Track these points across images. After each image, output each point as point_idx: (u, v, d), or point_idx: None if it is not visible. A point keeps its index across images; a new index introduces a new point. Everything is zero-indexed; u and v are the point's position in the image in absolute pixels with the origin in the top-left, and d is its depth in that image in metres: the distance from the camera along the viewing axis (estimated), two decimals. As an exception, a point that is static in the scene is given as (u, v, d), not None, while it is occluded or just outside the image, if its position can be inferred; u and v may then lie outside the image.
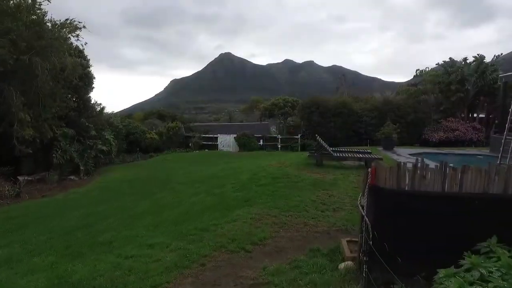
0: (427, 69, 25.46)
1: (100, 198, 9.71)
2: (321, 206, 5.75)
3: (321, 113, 22.19)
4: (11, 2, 12.45)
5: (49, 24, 13.56)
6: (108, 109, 23.48)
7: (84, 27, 14.18)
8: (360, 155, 10.24)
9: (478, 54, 23.56)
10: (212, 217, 5.43)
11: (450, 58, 23.30)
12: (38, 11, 12.98)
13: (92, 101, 19.49)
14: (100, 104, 20.07)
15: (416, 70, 25.11)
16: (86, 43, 15.46)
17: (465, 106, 22.55)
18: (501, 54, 27.75)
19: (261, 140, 24.21)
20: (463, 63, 23.01)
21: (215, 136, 25.90)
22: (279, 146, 23.79)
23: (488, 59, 22.48)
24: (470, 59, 22.94)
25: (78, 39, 14.54)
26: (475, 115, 23.76)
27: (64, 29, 13.88)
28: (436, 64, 24.18)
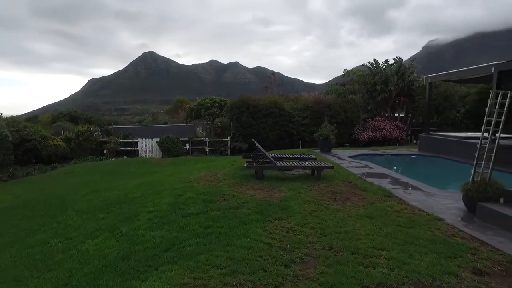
0: (353, 69, 25.82)
1: None
2: (281, 255, 3.88)
3: (251, 113, 20.91)
4: None
5: None
6: (8, 111, 18.89)
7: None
8: (306, 162, 8.91)
9: (397, 57, 24.60)
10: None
11: (374, 60, 23.81)
12: None
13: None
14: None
15: (344, 70, 25.27)
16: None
17: (388, 106, 23.24)
18: (415, 58, 29.83)
19: (188, 144, 22.04)
20: (385, 64, 23.73)
21: (135, 140, 22.92)
22: (207, 150, 21.91)
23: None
24: (391, 61, 23.87)
25: None
26: (396, 114, 24.69)
27: None
28: (362, 65, 24.56)
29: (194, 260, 3.77)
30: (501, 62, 12.16)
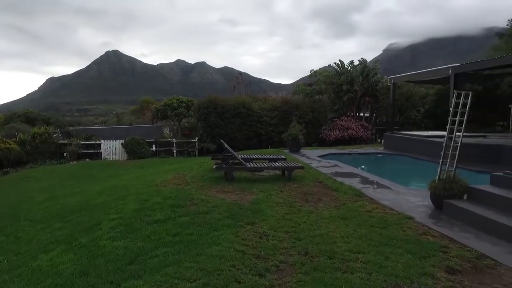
0: (319, 69, 26.19)
1: None
2: (255, 263, 3.62)
3: (219, 113, 20.62)
4: None
5: None
6: None
7: None
8: (277, 163, 8.78)
9: (361, 58, 25.29)
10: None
11: (340, 60, 24.29)
12: None
13: None
14: None
15: (311, 71, 25.56)
16: None
17: (354, 106, 23.79)
18: (378, 60, 30.85)
19: (154, 145, 21.33)
20: (351, 65, 24.28)
21: (98, 142, 21.86)
22: (175, 151, 21.33)
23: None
24: (356, 62, 24.48)
25: None
26: (361, 114, 25.34)
27: None
28: (328, 65, 24.97)
29: (162, 273, 3.46)
30: (457, 65, 12.76)
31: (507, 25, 25.85)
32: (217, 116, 20.55)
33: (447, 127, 6.25)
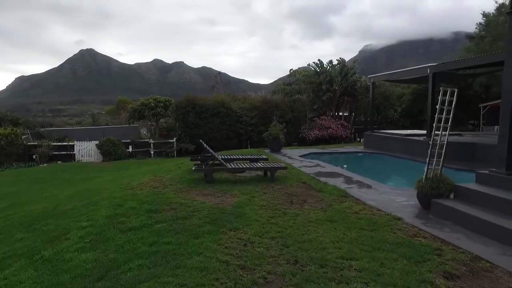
0: (298, 69, 26.12)
1: None
2: (241, 275, 3.25)
3: (197, 113, 20.13)
4: None
5: None
6: None
7: None
8: (258, 163, 8.46)
9: (340, 58, 25.42)
10: None
11: (319, 60, 24.29)
12: None
13: None
14: None
15: (290, 70, 25.44)
16: None
17: (333, 105, 23.84)
18: (356, 59, 31.15)
19: (131, 146, 20.59)
20: (330, 65, 24.34)
21: (71, 144, 20.87)
22: (152, 152, 20.67)
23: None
24: (335, 62, 24.57)
25: None
26: (340, 113, 25.46)
27: None
28: (307, 65, 24.95)
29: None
30: (435, 64, 12.89)
31: (476, 28, 26.85)
32: (196, 116, 20.08)
33: (434, 124, 6.12)
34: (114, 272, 3.39)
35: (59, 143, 21.00)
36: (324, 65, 24.24)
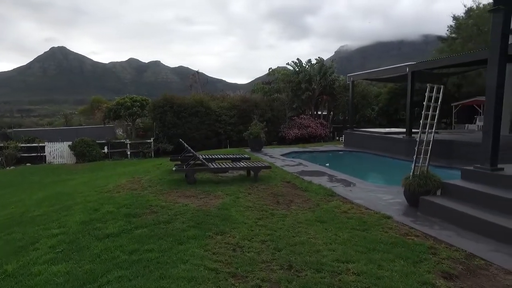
0: (278, 67, 26.03)
1: None
2: (233, 285, 2.99)
3: (175, 112, 19.63)
4: None
5: None
6: None
7: None
8: (241, 163, 8.21)
9: (319, 57, 25.54)
10: None
11: (298, 59, 24.29)
12: None
13: None
14: None
15: (269, 69, 25.29)
16: None
17: (312, 104, 23.91)
18: (335, 59, 31.50)
19: (106, 147, 19.81)
20: (308, 64, 24.39)
21: (41, 145, 19.83)
22: (129, 152, 19.97)
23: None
24: (313, 61, 24.66)
25: None
26: (319, 112, 25.58)
27: None
28: (286, 64, 24.90)
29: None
30: (413, 63, 13.09)
31: (447, 30, 27.89)
32: (174, 115, 19.57)
33: (421, 121, 6.08)
34: (90, 286, 3.03)
35: (28, 144, 19.92)
36: (303, 64, 24.27)
